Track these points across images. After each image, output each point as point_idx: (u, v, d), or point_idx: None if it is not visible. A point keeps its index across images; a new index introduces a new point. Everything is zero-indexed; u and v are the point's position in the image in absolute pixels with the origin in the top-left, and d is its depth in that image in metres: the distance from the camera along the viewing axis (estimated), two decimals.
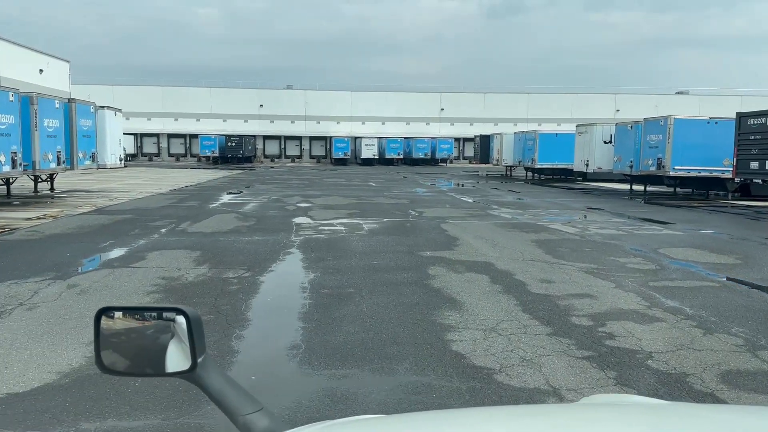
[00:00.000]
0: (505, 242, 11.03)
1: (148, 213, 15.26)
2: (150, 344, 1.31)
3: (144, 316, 1.34)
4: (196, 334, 1.26)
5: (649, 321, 6.05)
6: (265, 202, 18.96)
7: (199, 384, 1.27)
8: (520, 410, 1.45)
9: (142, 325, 1.33)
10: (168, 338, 1.29)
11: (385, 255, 9.58)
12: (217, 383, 1.27)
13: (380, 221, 14.07)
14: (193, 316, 1.27)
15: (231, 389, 1.28)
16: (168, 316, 1.29)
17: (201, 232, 11.83)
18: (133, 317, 1.34)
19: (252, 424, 1.23)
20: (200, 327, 1.28)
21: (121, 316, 1.33)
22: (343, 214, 15.48)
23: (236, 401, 1.26)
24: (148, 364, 1.32)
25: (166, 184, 27.20)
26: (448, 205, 18.76)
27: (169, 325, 1.29)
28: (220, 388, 1.27)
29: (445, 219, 14.63)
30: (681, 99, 76.04)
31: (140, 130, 70.94)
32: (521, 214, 16.39)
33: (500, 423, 1.12)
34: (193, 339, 1.25)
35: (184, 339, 1.27)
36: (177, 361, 1.27)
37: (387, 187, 26.94)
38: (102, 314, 1.32)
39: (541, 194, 24.49)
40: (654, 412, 1.24)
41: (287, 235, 11.73)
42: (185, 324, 1.26)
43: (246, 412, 1.24)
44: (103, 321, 1.31)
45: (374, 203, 18.90)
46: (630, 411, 1.27)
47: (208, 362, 1.28)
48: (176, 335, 1.29)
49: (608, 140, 26.90)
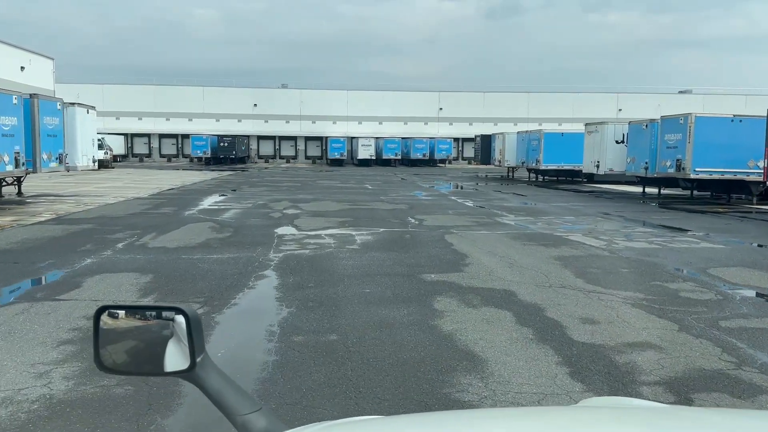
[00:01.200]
0: (523, 260, 9.27)
1: (113, 222, 13.47)
2: (149, 343, 1.31)
3: (143, 315, 1.34)
4: (196, 333, 1.25)
5: (748, 392, 4.30)
6: (248, 207, 17.18)
7: (197, 383, 1.27)
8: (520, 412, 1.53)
9: (142, 324, 1.33)
10: (167, 337, 1.28)
11: (380, 280, 7.81)
12: (216, 383, 1.27)
13: (375, 232, 12.30)
14: (193, 315, 1.27)
15: (230, 389, 1.27)
16: (167, 316, 1.29)
17: (163, 248, 10.04)
18: (132, 316, 1.34)
19: (250, 424, 1.22)
20: (199, 327, 1.27)
21: (120, 315, 1.33)
22: (333, 223, 13.71)
23: (235, 401, 1.25)
24: (147, 363, 1.32)
25: (148, 186, 25.41)
26: (451, 211, 17.00)
27: (168, 324, 1.29)
28: (218, 388, 1.26)
29: (449, 229, 12.88)
30: (684, 98, 74.44)
31: (131, 130, 69.09)
32: (533, 222, 14.63)
33: (500, 424, 1.13)
34: (192, 338, 1.25)
35: (183, 338, 1.26)
36: (176, 360, 1.27)
37: (384, 190, 25.18)
38: (101, 312, 1.31)
39: (549, 198, 22.74)
40: (652, 414, 1.25)
41: (265, 250, 9.96)
42: (184, 323, 1.26)
43: (245, 412, 1.23)
44: (102, 319, 1.31)
45: (369, 209, 17.14)
46: (628, 413, 1.27)
47: (207, 362, 1.27)
48: (175, 334, 1.28)
49: (621, 140, 25.13)
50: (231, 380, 1.30)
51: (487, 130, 58.32)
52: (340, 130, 69.25)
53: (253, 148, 70.51)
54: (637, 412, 1.30)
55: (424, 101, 72.30)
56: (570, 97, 73.77)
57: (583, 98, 73.63)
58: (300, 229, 12.70)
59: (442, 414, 1.51)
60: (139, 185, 26.43)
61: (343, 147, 63.97)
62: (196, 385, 1.27)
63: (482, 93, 73.82)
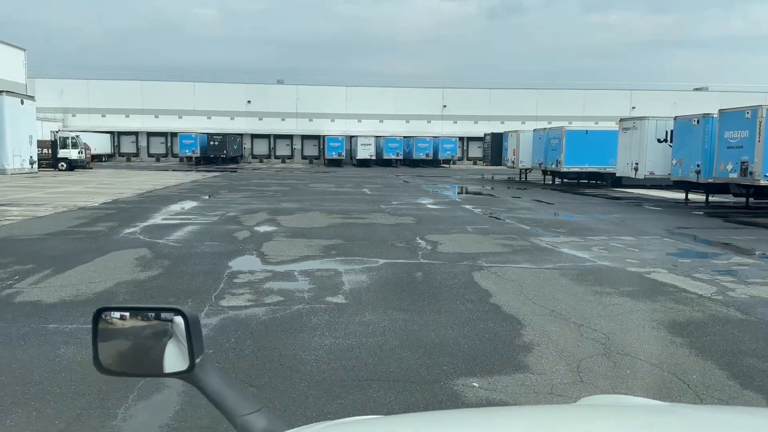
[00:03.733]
0: (617, 334, 5.55)
1: (11, 248, 9.78)
2: (148, 344, 1.30)
3: (142, 316, 1.32)
4: (195, 334, 1.24)
5: None
6: (212, 222, 13.48)
7: (197, 384, 1.25)
8: (519, 411, 1.45)
9: (141, 325, 1.32)
10: (166, 338, 1.27)
11: (379, 393, 4.13)
12: (215, 384, 1.25)
13: (373, 266, 8.59)
14: (192, 317, 1.26)
15: (229, 390, 1.25)
16: (166, 317, 1.28)
17: (34, 303, 6.32)
18: (131, 317, 1.32)
19: (250, 424, 1.20)
20: (198, 328, 1.26)
21: (119, 316, 1.31)
22: (316, 249, 10.02)
23: (234, 402, 1.23)
24: (146, 365, 1.31)
25: (108, 192, 21.71)
26: (470, 227, 13.30)
27: (167, 325, 1.28)
28: (218, 388, 1.24)
29: (476, 259, 9.18)
30: (700, 95, 70.83)
31: (117, 128, 65.27)
32: (584, 244, 10.94)
33: (499, 423, 1.11)
34: (192, 339, 1.23)
35: (182, 339, 1.25)
36: (175, 361, 1.25)
37: (384, 197, 21.47)
38: (100, 314, 1.30)
39: (581, 207, 19.03)
40: (652, 412, 1.23)
41: (197, 307, 6.26)
42: (183, 324, 1.25)
43: (244, 412, 1.22)
44: (101, 321, 1.29)
45: (366, 224, 13.45)
46: (628, 412, 1.26)
47: (206, 363, 1.26)
48: (174, 335, 1.27)
49: (663, 138, 21.40)
50: (230, 381, 1.29)
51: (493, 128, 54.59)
52: (338, 129, 65.33)
53: (246, 147, 66.68)
54: (637, 411, 1.27)
55: (427, 98, 68.37)
56: (581, 94, 69.95)
57: (594, 95, 69.85)
58: (266, 261, 8.99)
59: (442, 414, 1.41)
60: (100, 190, 22.73)
61: (341, 146, 60.08)
62: (195, 386, 1.25)
63: (488, 90, 69.90)
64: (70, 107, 64.49)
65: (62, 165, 38.01)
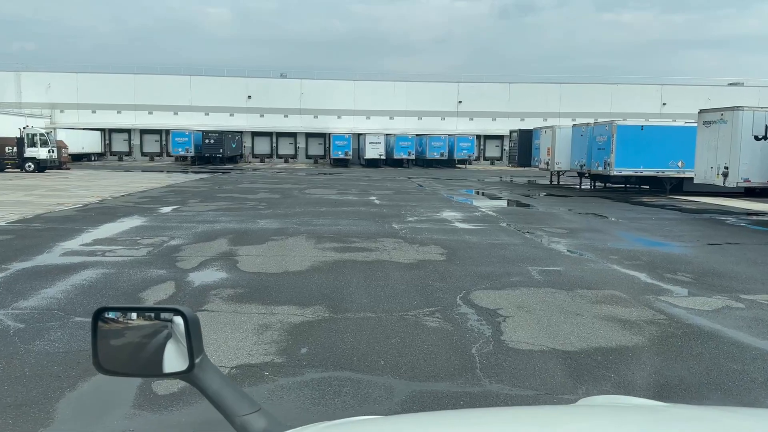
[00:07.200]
0: None
1: None
2: (148, 345, 1.27)
3: (142, 316, 1.30)
4: (194, 334, 1.22)
5: None
6: (132, 262, 8.67)
7: (196, 384, 1.23)
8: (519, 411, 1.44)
9: (140, 325, 1.29)
10: (166, 339, 1.25)
11: None
12: (215, 384, 1.23)
13: (380, 405, 3.74)
14: (191, 317, 1.23)
15: (228, 390, 1.24)
16: (166, 317, 1.26)
17: None
18: (131, 317, 1.30)
19: (249, 424, 1.19)
20: (198, 328, 1.24)
21: (119, 317, 1.29)
22: (268, 345, 5.20)
23: (234, 402, 1.22)
24: (146, 365, 1.28)
25: (41, 204, 17.02)
26: (535, 270, 8.44)
27: (166, 325, 1.25)
28: (217, 388, 1.23)
29: (597, 376, 4.34)
30: (736, 90, 65.33)
31: (109, 125, 60.70)
32: (743, 319, 6.07)
33: (499, 423, 1.10)
34: (191, 339, 1.21)
35: (181, 339, 1.23)
36: (174, 361, 1.23)
37: (397, 208, 16.63)
38: (100, 314, 1.28)
39: (665, 227, 14.08)
40: (652, 413, 1.23)
41: None
42: (183, 325, 1.22)
43: (244, 412, 1.20)
44: (101, 321, 1.27)
45: (371, 264, 8.61)
46: (627, 412, 1.25)
47: (205, 363, 1.24)
48: (174, 336, 1.25)
49: (762, 135, 16.41)
50: (230, 381, 1.26)
51: (512, 125, 49.58)
52: (345, 126, 60.36)
53: (246, 145, 61.87)
54: (636, 411, 1.26)
55: (440, 93, 63.25)
56: (607, 89, 64.64)
57: (622, 90, 64.57)
58: (148, 399, 4.19)
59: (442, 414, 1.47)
60: (37, 200, 18.03)
61: (347, 145, 55.08)
62: (195, 386, 1.23)
63: (507, 84, 64.68)
64: (57, 102, 60.08)
65: (29, 166, 33.49)
